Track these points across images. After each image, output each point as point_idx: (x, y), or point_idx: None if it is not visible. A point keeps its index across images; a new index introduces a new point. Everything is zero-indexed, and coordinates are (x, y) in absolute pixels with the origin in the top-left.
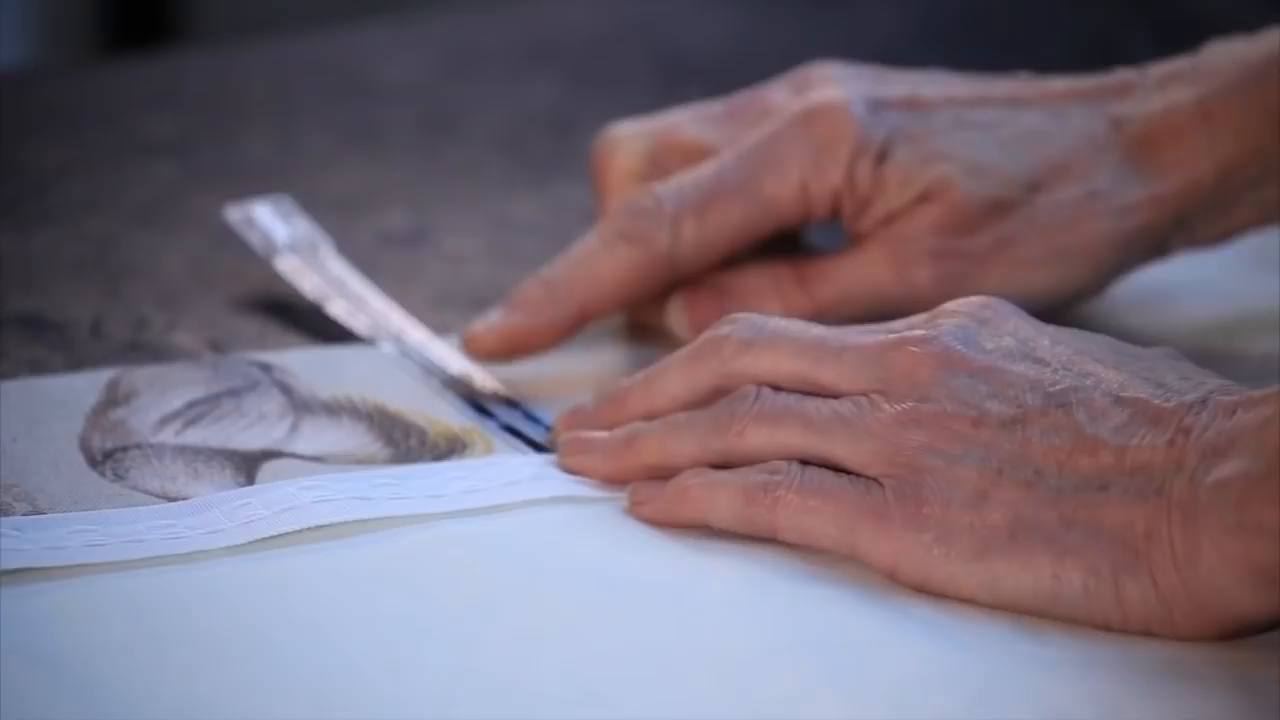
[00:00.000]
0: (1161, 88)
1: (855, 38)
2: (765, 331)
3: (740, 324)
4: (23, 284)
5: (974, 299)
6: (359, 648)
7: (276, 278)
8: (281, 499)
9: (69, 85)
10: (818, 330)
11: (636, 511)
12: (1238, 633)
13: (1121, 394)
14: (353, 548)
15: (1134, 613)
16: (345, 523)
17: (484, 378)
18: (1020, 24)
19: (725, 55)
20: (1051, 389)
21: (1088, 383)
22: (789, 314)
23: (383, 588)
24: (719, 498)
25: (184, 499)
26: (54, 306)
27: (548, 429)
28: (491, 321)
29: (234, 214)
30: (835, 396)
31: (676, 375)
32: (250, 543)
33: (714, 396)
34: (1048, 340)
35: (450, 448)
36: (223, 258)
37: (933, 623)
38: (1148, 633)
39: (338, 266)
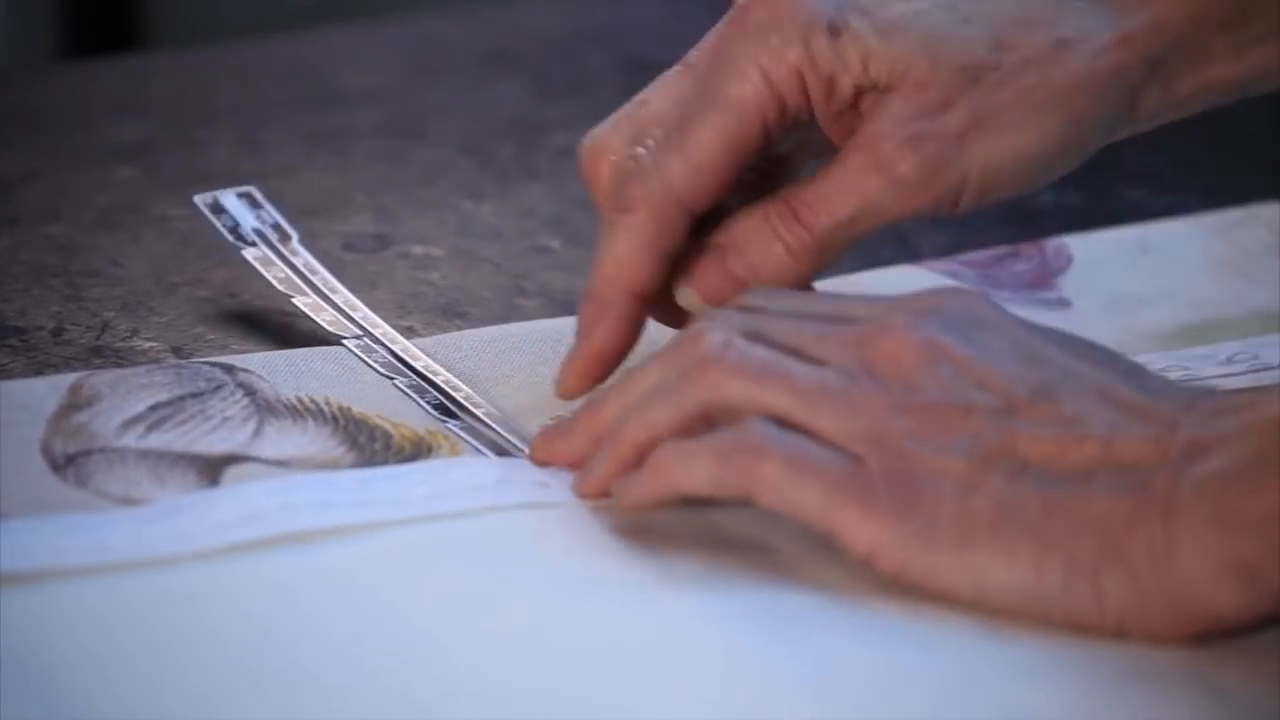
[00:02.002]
0: None
1: None
2: (747, 326)
3: (718, 320)
4: None
5: (963, 295)
6: (324, 653)
7: (240, 282)
8: (247, 504)
9: (32, 89)
10: (804, 313)
11: (620, 502)
12: (1212, 633)
13: (1109, 390)
14: (318, 553)
15: (1110, 608)
16: (311, 529)
17: (448, 378)
18: None
19: None
20: (1039, 383)
21: (1075, 379)
22: (791, 251)
23: (348, 593)
24: (694, 463)
25: (147, 504)
26: (16, 311)
27: (518, 436)
28: (568, 364)
29: (203, 200)
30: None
31: (651, 370)
32: (215, 548)
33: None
34: (1036, 338)
35: (415, 451)
36: (186, 262)
37: (898, 626)
38: (1122, 631)
39: (305, 258)
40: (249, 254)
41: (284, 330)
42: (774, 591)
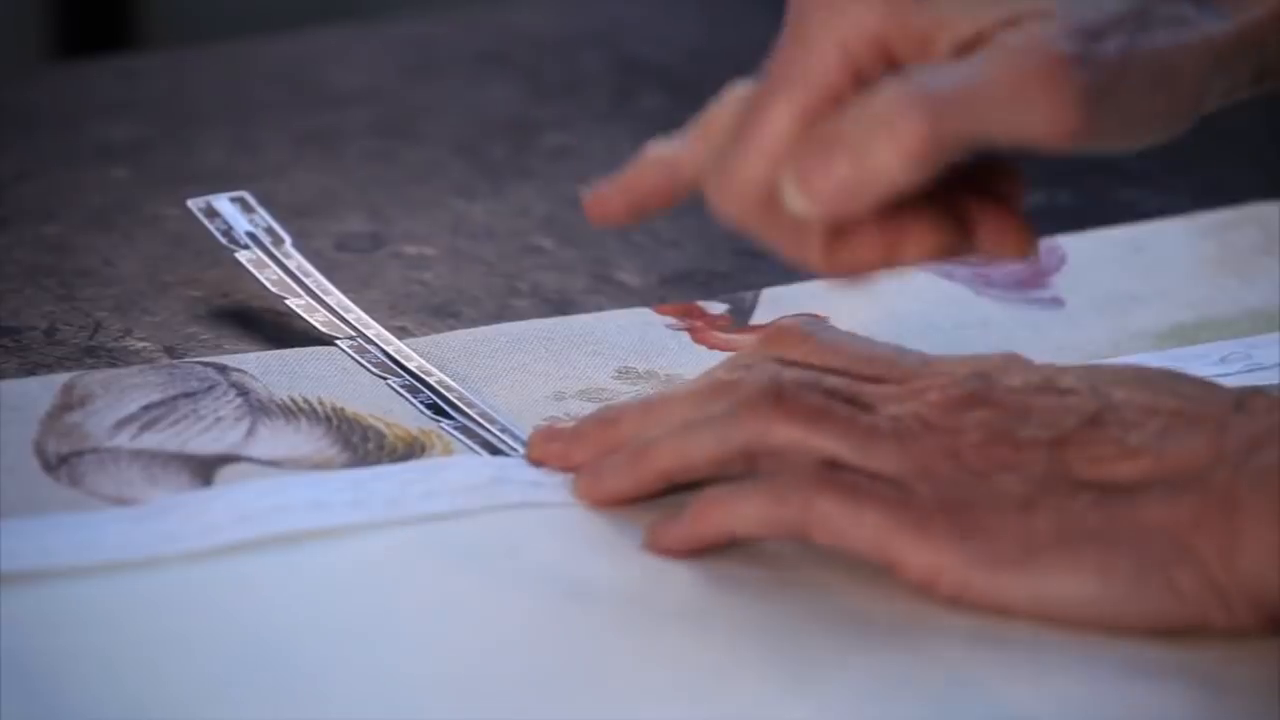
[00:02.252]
0: None
1: None
2: (796, 375)
3: (761, 363)
4: None
5: (996, 354)
6: (316, 653)
7: (233, 282)
8: (240, 505)
9: (25, 89)
10: (846, 368)
11: (655, 547)
12: None
13: (1155, 406)
14: (310, 554)
15: (1191, 603)
16: (303, 530)
17: (441, 378)
18: None
19: (683, 59)
20: (1085, 411)
21: (1118, 402)
22: (906, 150)
23: (341, 594)
24: (746, 504)
25: (140, 504)
26: (8, 311)
27: (511, 435)
28: (613, 181)
29: (196, 205)
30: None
31: (683, 402)
32: (207, 549)
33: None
34: (1069, 375)
35: (409, 450)
36: (179, 262)
37: (892, 628)
38: (1206, 626)
39: (299, 260)
40: (242, 257)
41: (277, 330)
42: (766, 594)
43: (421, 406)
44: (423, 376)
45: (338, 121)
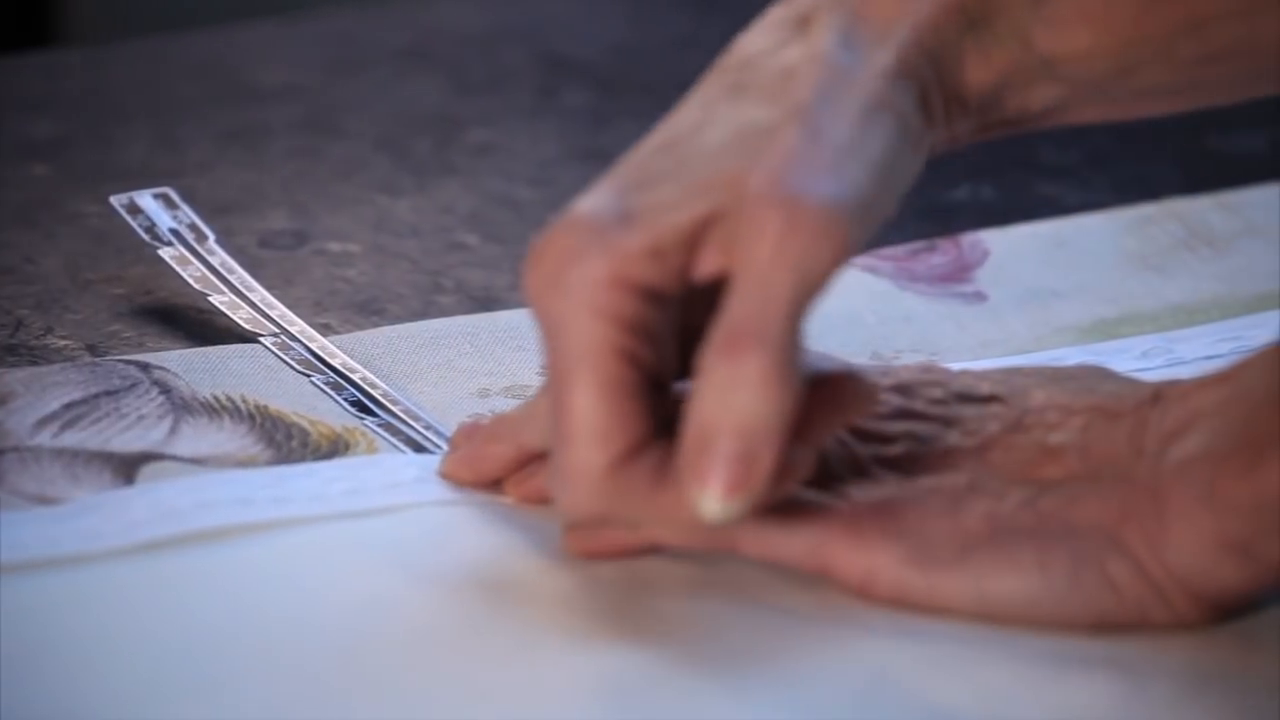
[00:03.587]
0: None
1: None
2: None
3: None
4: None
5: (914, 364)
6: (239, 651)
7: (156, 279)
8: (162, 502)
9: None
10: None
11: (572, 547)
12: (1230, 610)
13: (1073, 405)
14: (234, 550)
15: (1129, 597)
16: (227, 526)
17: (365, 374)
18: None
19: (608, 55)
20: (1006, 417)
21: (1038, 404)
22: None
23: (264, 590)
24: None
25: (62, 503)
26: None
27: (435, 432)
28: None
29: (119, 201)
30: None
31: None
32: (129, 546)
33: None
34: (988, 382)
35: (332, 448)
36: (101, 260)
37: (819, 625)
38: (1146, 620)
39: (222, 257)
40: (165, 253)
41: (200, 327)
42: (691, 593)
43: (345, 404)
44: (347, 373)
45: (261, 118)
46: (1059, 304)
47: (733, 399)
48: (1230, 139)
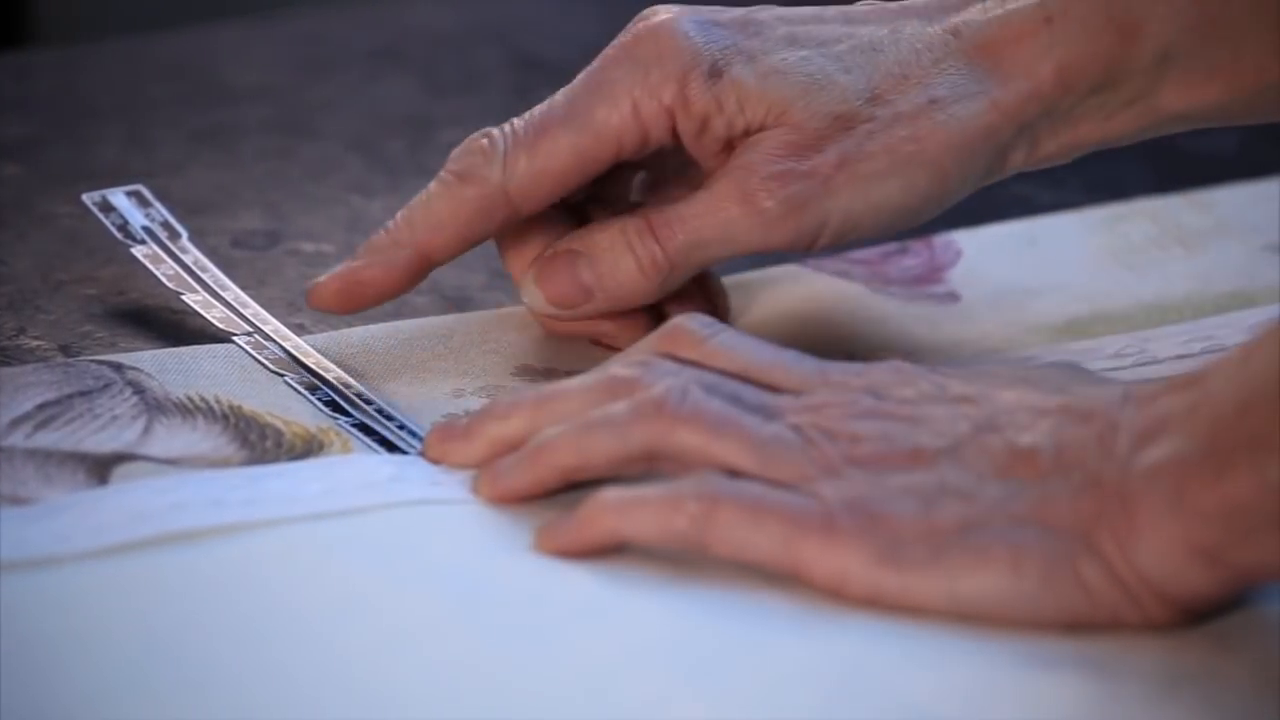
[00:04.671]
0: None
1: None
2: (700, 379)
3: (655, 364)
4: None
5: (884, 363)
6: (212, 652)
7: (129, 279)
8: (133, 503)
9: None
10: (740, 372)
11: (544, 549)
12: (1200, 613)
13: (1044, 406)
14: (207, 551)
15: (1101, 599)
16: (199, 529)
17: (339, 374)
18: None
19: (581, 55)
20: (977, 417)
21: (1009, 405)
22: (642, 267)
23: (238, 591)
24: (641, 511)
25: (34, 503)
26: None
27: (409, 432)
28: (334, 270)
29: (91, 199)
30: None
31: (576, 398)
32: (100, 548)
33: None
34: (958, 381)
35: (306, 448)
36: (74, 260)
37: (791, 618)
38: (1119, 622)
39: (195, 255)
40: (138, 252)
41: (173, 328)
42: (666, 588)
43: (319, 404)
44: (320, 373)
45: (233, 118)
46: (1032, 303)
47: (623, 263)
48: (1201, 138)
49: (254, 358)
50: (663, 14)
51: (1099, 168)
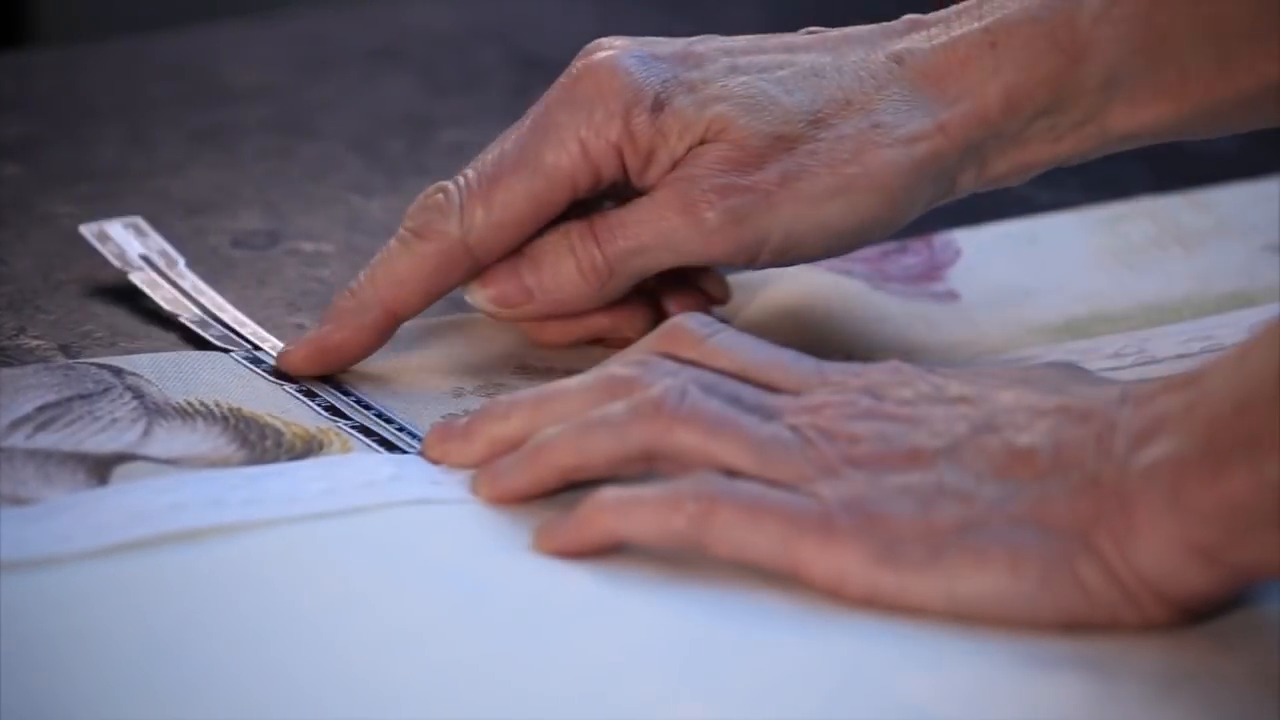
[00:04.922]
0: (947, 24)
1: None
2: (699, 379)
3: (654, 364)
4: None
5: (883, 364)
6: (212, 651)
7: (128, 281)
8: (133, 503)
9: None
10: (737, 372)
11: (542, 549)
12: (1199, 613)
13: (1041, 406)
14: (207, 551)
15: (1099, 599)
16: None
17: (339, 380)
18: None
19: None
20: (975, 418)
21: (1007, 405)
22: (582, 270)
23: (238, 591)
24: (640, 511)
25: (34, 503)
26: None
27: (409, 434)
28: (303, 336)
29: (89, 231)
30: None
31: (576, 398)
32: (100, 548)
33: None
34: (956, 382)
35: (307, 448)
36: (73, 259)
37: (791, 619)
38: (1117, 622)
39: (192, 282)
40: (135, 277)
41: (173, 328)
42: (667, 588)
43: (319, 409)
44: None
45: (233, 118)
46: (1031, 302)
47: (564, 265)
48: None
49: (252, 370)
50: (604, 51)
51: (1098, 167)
